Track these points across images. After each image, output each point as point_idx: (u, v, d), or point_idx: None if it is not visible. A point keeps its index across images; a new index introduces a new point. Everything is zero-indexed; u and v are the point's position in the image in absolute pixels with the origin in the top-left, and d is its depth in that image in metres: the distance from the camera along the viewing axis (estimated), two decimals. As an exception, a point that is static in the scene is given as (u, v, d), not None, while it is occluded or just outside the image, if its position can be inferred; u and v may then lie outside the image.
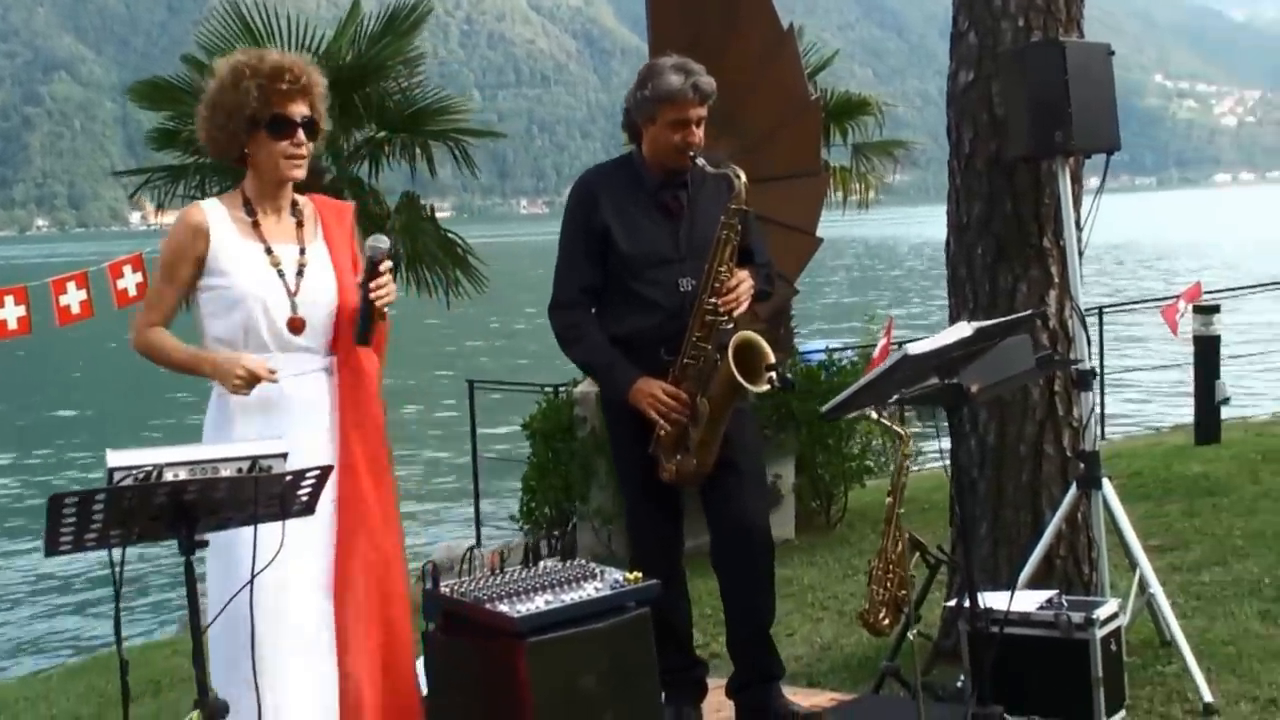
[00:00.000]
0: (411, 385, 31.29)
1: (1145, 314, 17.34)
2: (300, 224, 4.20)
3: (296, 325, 4.07)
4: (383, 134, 10.59)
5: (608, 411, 5.33)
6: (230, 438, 3.88)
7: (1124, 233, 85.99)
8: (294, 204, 4.22)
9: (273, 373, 3.97)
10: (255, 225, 4.11)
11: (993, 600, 4.90)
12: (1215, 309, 12.35)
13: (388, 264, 4.08)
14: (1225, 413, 12.87)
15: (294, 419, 3.98)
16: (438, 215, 10.72)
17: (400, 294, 10.48)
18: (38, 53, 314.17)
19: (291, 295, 4.08)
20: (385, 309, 4.10)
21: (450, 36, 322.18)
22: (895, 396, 4.32)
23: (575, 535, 9.85)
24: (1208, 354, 12.11)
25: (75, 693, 9.26)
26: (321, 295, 4.13)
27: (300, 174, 4.16)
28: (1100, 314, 15.05)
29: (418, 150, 10.65)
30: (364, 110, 10.53)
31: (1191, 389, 12.56)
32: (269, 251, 4.09)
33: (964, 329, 4.11)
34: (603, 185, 5.04)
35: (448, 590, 4.32)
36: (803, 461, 9.69)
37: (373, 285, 4.03)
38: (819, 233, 10.18)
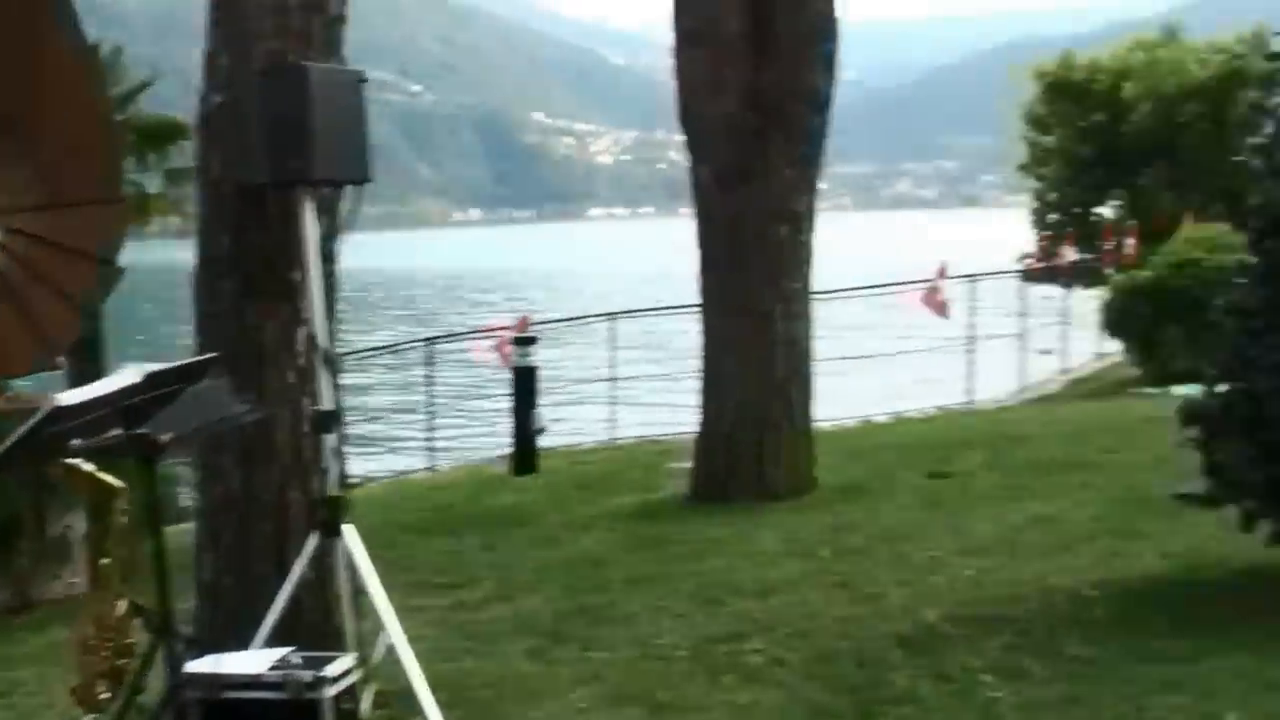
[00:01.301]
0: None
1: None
2: None
3: None
4: None
5: None
6: None
7: (503, 263, 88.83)
8: None
9: None
10: None
11: (230, 663, 4.63)
12: (532, 340, 12.61)
13: None
14: (555, 441, 13.21)
15: None
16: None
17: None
18: None
19: None
20: None
21: None
22: (77, 444, 3.88)
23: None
24: (525, 384, 12.32)
25: None
26: None
27: None
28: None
29: None
30: None
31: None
32: None
33: (131, 375, 3.76)
34: None
35: None
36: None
37: None
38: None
